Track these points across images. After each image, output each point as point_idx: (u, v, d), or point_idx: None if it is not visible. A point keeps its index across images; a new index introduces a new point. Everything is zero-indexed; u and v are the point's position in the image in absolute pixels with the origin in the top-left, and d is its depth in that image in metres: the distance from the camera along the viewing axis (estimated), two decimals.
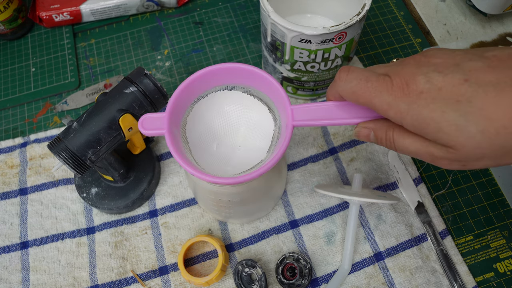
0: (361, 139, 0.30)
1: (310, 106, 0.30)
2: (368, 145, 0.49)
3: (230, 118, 0.35)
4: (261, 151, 0.34)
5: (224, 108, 0.35)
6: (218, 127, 0.35)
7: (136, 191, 0.46)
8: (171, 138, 0.31)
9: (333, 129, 0.50)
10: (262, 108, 0.35)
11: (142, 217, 0.46)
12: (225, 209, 0.41)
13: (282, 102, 0.32)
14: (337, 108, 0.30)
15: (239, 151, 0.35)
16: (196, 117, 0.34)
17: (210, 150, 0.35)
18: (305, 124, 0.30)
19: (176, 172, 0.48)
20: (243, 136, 0.35)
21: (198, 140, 0.34)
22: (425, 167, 0.48)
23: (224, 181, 0.30)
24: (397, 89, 0.25)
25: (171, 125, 0.31)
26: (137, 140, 0.44)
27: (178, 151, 0.31)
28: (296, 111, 0.31)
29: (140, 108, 0.40)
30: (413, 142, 0.26)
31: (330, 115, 0.30)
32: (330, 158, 0.48)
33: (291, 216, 0.45)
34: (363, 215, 0.45)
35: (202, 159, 0.34)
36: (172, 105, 0.32)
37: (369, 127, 0.29)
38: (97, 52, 0.58)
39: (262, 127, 0.34)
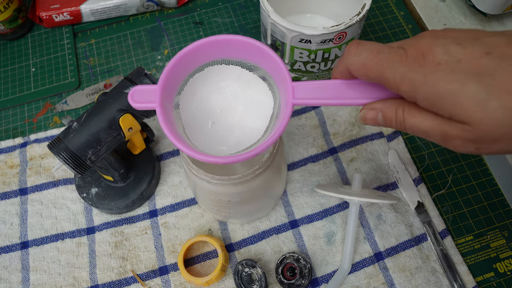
0: (367, 122, 0.27)
1: (313, 83, 0.28)
2: (369, 145, 0.49)
3: (226, 95, 0.33)
4: (259, 131, 0.32)
5: (220, 83, 0.33)
6: (214, 103, 0.33)
7: (136, 191, 0.46)
8: (162, 113, 0.28)
9: (333, 129, 0.50)
10: (261, 85, 0.32)
11: (142, 217, 0.46)
12: (225, 209, 0.41)
13: (283, 78, 0.29)
14: (342, 86, 0.28)
15: (235, 130, 0.33)
16: (191, 92, 0.32)
17: (205, 129, 0.32)
18: (306, 102, 0.28)
19: (176, 172, 0.48)
20: (240, 115, 0.33)
21: (192, 117, 0.32)
22: (425, 167, 0.48)
23: (218, 160, 0.28)
24: (412, 60, 0.23)
25: (164, 99, 0.29)
26: (137, 140, 0.44)
27: (170, 127, 0.28)
28: (297, 89, 0.28)
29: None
30: (425, 120, 0.24)
31: (335, 94, 0.28)
32: (330, 158, 0.48)
33: (291, 216, 0.45)
34: (363, 215, 0.45)
35: (196, 138, 0.31)
36: (165, 78, 0.29)
37: (377, 108, 0.27)
38: (97, 52, 0.58)
39: (261, 106, 0.32)
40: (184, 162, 0.37)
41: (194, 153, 0.28)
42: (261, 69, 0.32)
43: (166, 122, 0.28)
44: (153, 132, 0.46)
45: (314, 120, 0.51)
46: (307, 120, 0.51)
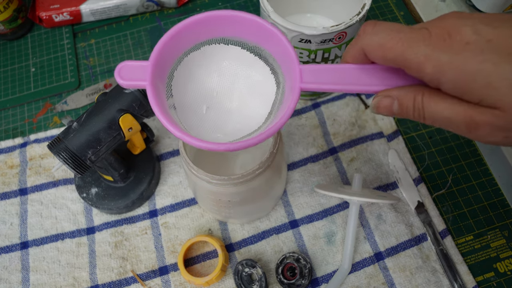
0: (380, 111, 0.25)
1: (323, 67, 0.26)
2: (368, 145, 0.49)
3: (224, 77, 0.31)
4: (259, 117, 0.29)
5: (218, 64, 0.30)
6: (210, 86, 0.30)
7: (136, 191, 0.46)
8: (154, 92, 0.26)
9: (333, 129, 0.50)
10: (263, 68, 0.30)
11: (142, 217, 0.46)
12: (225, 209, 0.41)
13: (289, 60, 0.27)
14: (355, 71, 0.25)
15: (233, 117, 0.30)
16: (185, 72, 0.30)
17: (199, 113, 0.30)
18: (315, 87, 0.26)
19: (176, 172, 0.48)
20: (239, 100, 0.30)
21: (185, 101, 0.30)
22: (425, 167, 0.48)
23: (214, 146, 0.25)
24: (437, 39, 0.21)
25: (155, 78, 0.27)
26: (137, 140, 0.44)
27: (162, 108, 0.26)
28: (305, 72, 0.26)
29: (140, 108, 0.40)
30: (448, 106, 0.22)
31: (346, 80, 0.25)
32: (330, 158, 0.48)
33: (291, 216, 0.45)
34: (363, 215, 0.45)
35: (189, 123, 0.29)
36: (158, 54, 0.27)
37: (392, 95, 0.24)
38: (97, 52, 0.58)
39: (262, 90, 0.30)
40: (184, 162, 0.37)
41: (187, 137, 0.25)
42: (264, 50, 0.29)
43: (157, 103, 0.26)
44: (153, 132, 0.46)
45: (314, 120, 0.51)
46: (307, 120, 0.51)
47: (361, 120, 0.50)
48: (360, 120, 0.50)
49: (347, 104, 0.51)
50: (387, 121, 0.50)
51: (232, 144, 0.25)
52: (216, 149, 0.25)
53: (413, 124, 0.50)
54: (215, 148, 0.25)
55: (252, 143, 0.25)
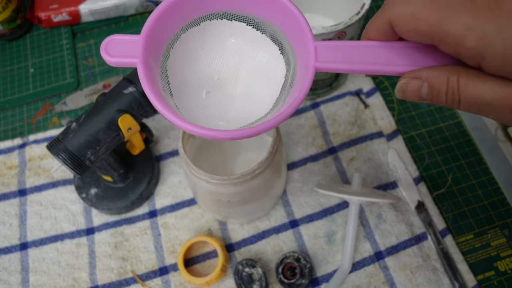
0: (407, 95, 0.22)
1: (341, 44, 0.23)
2: (368, 144, 0.49)
3: (226, 58, 0.27)
4: (266, 103, 0.26)
5: (220, 43, 0.27)
6: (210, 68, 0.27)
7: (136, 192, 0.46)
8: (145, 70, 0.23)
9: (332, 128, 0.50)
10: (271, 47, 0.27)
11: (141, 217, 0.46)
12: (224, 209, 0.41)
13: (302, 36, 0.24)
14: (379, 49, 0.22)
15: (236, 102, 0.27)
16: (182, 51, 0.26)
17: (198, 99, 0.27)
18: (332, 67, 0.23)
19: (175, 173, 0.48)
20: (243, 83, 0.27)
21: (182, 84, 0.27)
22: (425, 166, 0.48)
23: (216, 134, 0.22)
24: (481, 7, 0.18)
25: (147, 54, 0.23)
26: (136, 140, 0.45)
27: (155, 89, 0.23)
28: (321, 49, 0.23)
29: (139, 108, 0.40)
30: (490, 89, 0.19)
31: (368, 58, 0.22)
32: (330, 158, 0.48)
33: (291, 215, 0.45)
34: (363, 214, 0.45)
35: (186, 109, 0.26)
36: (151, 27, 0.23)
37: (422, 76, 0.21)
38: (96, 52, 0.58)
39: (270, 72, 0.27)
40: (183, 162, 0.37)
41: (184, 123, 0.22)
42: (272, 26, 0.26)
43: (149, 83, 0.23)
44: (152, 133, 0.46)
45: (314, 120, 0.51)
46: (307, 119, 0.51)
47: (361, 119, 0.50)
48: (359, 119, 0.50)
49: (347, 103, 0.51)
50: (387, 121, 0.50)
51: (237, 132, 0.22)
52: (219, 137, 0.22)
53: (413, 123, 0.50)
54: (217, 136, 0.22)
55: (261, 130, 0.22)
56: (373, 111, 0.51)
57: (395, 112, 0.51)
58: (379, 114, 0.50)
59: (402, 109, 0.51)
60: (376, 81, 0.53)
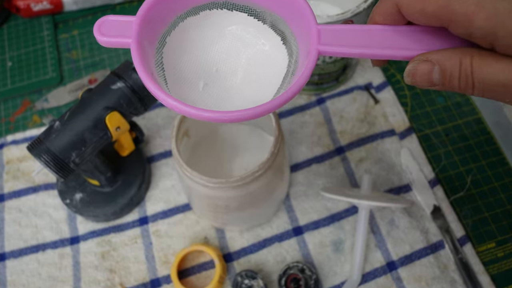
0: (417, 80, 0.23)
1: (346, 27, 0.24)
2: (379, 143, 0.49)
3: (225, 49, 0.29)
4: (267, 94, 0.28)
5: (219, 34, 0.29)
6: (208, 60, 0.29)
7: (125, 197, 0.46)
8: (139, 50, 0.24)
9: (340, 126, 0.50)
10: (273, 38, 0.28)
11: (131, 224, 0.47)
12: (222, 215, 0.41)
13: (304, 21, 0.25)
14: (386, 32, 0.23)
15: (235, 95, 0.29)
16: (180, 40, 0.28)
17: (194, 90, 0.28)
18: (336, 51, 0.24)
19: (168, 175, 0.49)
20: (243, 76, 0.29)
21: (178, 75, 0.28)
22: (442, 168, 0.48)
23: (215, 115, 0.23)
24: None
25: (142, 37, 0.25)
26: (126, 140, 0.45)
27: (148, 69, 0.24)
28: (324, 33, 0.24)
29: (128, 105, 0.40)
30: (505, 69, 0.20)
31: (375, 42, 0.23)
32: (337, 158, 0.49)
33: (295, 222, 0.46)
34: (374, 220, 0.45)
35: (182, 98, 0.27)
36: (148, 10, 0.25)
37: (432, 59, 0.22)
38: (80, 44, 0.58)
39: (271, 63, 0.28)
40: (177, 164, 0.38)
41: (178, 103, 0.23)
42: (273, 15, 0.28)
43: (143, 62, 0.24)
44: (142, 132, 0.46)
45: (319, 117, 0.51)
46: (311, 117, 0.51)
47: (371, 116, 0.51)
48: (369, 116, 0.51)
49: (355, 99, 0.52)
50: (399, 117, 0.50)
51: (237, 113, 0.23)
52: (219, 118, 0.23)
53: (428, 120, 0.51)
54: (216, 118, 0.23)
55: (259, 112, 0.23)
56: (384, 107, 0.51)
57: (408, 108, 0.51)
58: (390, 110, 0.51)
59: (416, 104, 0.51)
60: (387, 74, 0.53)
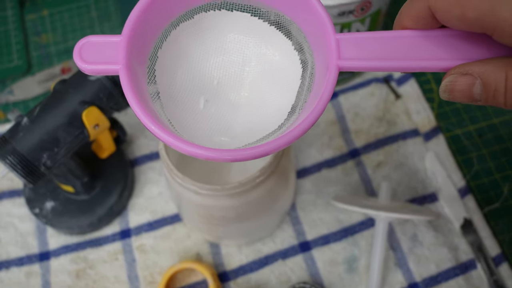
0: (455, 95, 0.23)
1: (369, 35, 0.25)
2: (400, 145, 0.51)
3: (228, 57, 0.29)
4: (279, 112, 0.28)
5: (219, 39, 0.29)
6: (208, 71, 0.29)
7: (104, 205, 0.47)
8: (130, 78, 0.24)
9: (354, 125, 0.52)
10: (283, 42, 0.28)
11: (111, 238, 0.48)
12: (217, 228, 0.43)
13: (319, 27, 0.25)
14: (417, 40, 0.24)
15: (242, 112, 0.29)
16: (174, 51, 0.28)
17: (194, 109, 0.28)
18: (360, 66, 0.24)
19: (154, 181, 0.50)
20: (250, 89, 0.29)
21: (175, 91, 0.28)
22: (474, 174, 0.49)
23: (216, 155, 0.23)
24: None
25: (131, 59, 0.25)
26: (105, 140, 0.46)
27: (143, 103, 0.24)
28: (344, 43, 0.24)
29: (109, 99, 0.42)
30: None
31: (404, 52, 0.24)
32: (351, 163, 0.50)
33: (302, 236, 0.47)
34: (394, 235, 0.47)
35: (181, 123, 0.27)
36: (134, 24, 0.25)
37: (473, 72, 0.22)
38: (51, 26, 0.59)
39: (282, 73, 0.29)
40: (165, 168, 0.39)
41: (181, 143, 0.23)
42: (283, 17, 0.28)
43: (136, 95, 0.24)
44: (125, 130, 0.48)
45: (331, 114, 0.52)
46: (322, 114, 0.52)
47: (391, 113, 0.52)
48: (389, 113, 0.52)
49: (373, 93, 0.53)
50: (424, 115, 0.52)
51: (243, 151, 0.23)
52: (220, 158, 0.23)
53: (458, 118, 0.52)
54: (218, 157, 0.23)
55: (272, 149, 0.23)
56: (406, 102, 0.52)
57: (434, 104, 0.53)
58: (414, 107, 0.52)
59: (444, 100, 0.52)
60: None
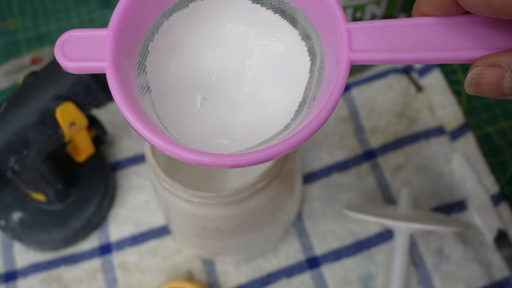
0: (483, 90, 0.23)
1: (384, 24, 0.25)
2: (423, 146, 0.50)
3: (227, 50, 0.30)
4: (285, 111, 0.28)
5: (217, 30, 0.29)
6: (206, 66, 0.30)
7: (80, 217, 0.46)
8: (117, 76, 0.25)
9: (370, 122, 0.51)
10: (288, 32, 0.29)
11: (89, 254, 0.47)
12: (212, 241, 0.42)
13: (329, 16, 0.25)
14: (438, 27, 0.24)
15: (243, 112, 0.29)
16: (166, 44, 0.29)
17: (190, 108, 0.29)
18: (373, 58, 0.25)
19: (139, 188, 0.49)
20: (252, 84, 0.30)
21: (168, 89, 0.29)
22: (509, 178, 0.48)
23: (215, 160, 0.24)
24: None
25: (118, 54, 0.26)
26: (83, 141, 0.45)
27: (133, 104, 0.25)
28: (357, 33, 0.25)
29: (87, 94, 0.41)
30: None
31: (423, 42, 0.24)
32: (366, 166, 0.49)
33: (309, 250, 0.46)
34: (416, 249, 0.46)
35: (174, 123, 0.28)
36: (122, 16, 0.26)
37: (502, 63, 0.22)
38: (19, 9, 0.59)
39: (288, 67, 0.29)
40: (151, 173, 0.38)
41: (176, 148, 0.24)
42: (287, 3, 0.28)
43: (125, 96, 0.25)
44: (105, 130, 0.47)
45: (342, 110, 0.52)
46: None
47: (412, 109, 0.51)
48: (410, 109, 0.51)
49: (391, 85, 0.52)
50: (450, 111, 0.51)
51: (244, 156, 0.24)
52: (218, 164, 0.24)
53: (490, 114, 0.51)
54: (216, 163, 0.24)
55: (277, 153, 0.24)
56: (429, 96, 0.52)
57: (462, 97, 0.52)
58: (438, 101, 0.51)
59: None
60: None
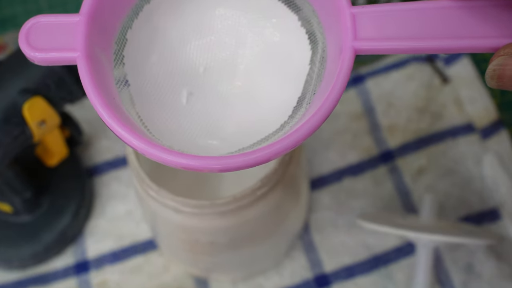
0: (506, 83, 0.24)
1: (394, 8, 0.25)
2: (449, 145, 0.51)
3: (218, 38, 0.30)
4: (282, 107, 0.29)
5: (205, 15, 0.30)
6: (193, 56, 0.30)
7: (53, 229, 0.47)
8: (90, 69, 0.25)
9: (387, 119, 0.52)
10: (286, 17, 0.29)
11: (62, 273, 0.48)
12: (205, 257, 0.43)
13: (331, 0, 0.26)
14: (454, 11, 0.25)
15: (235, 107, 0.30)
16: (147, 32, 0.29)
17: (175, 105, 0.29)
18: (381, 47, 0.25)
19: (121, 196, 0.50)
20: (245, 76, 0.30)
21: (150, 83, 0.29)
22: None
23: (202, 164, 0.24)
24: None
25: (92, 43, 0.26)
26: (54, 142, 0.46)
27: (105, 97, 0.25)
28: (362, 19, 0.25)
29: (59, 87, 0.42)
30: None
31: (437, 28, 0.25)
32: (383, 169, 0.50)
33: (318, 267, 0.47)
34: (442, 265, 0.47)
35: (156, 122, 0.28)
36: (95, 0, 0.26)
37: None
38: None
39: (286, 58, 0.29)
40: (135, 178, 0.39)
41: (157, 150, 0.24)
42: None
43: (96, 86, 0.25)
44: (80, 129, 0.48)
45: (355, 105, 0.53)
46: (343, 105, 0.52)
47: (436, 103, 0.52)
48: (434, 103, 0.52)
49: (411, 76, 0.53)
50: (481, 106, 0.52)
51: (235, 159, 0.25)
52: (205, 168, 0.24)
53: None
54: (202, 167, 0.24)
55: (272, 155, 0.24)
56: (457, 89, 0.53)
57: (495, 90, 0.53)
58: (468, 94, 0.52)
59: None
60: None
